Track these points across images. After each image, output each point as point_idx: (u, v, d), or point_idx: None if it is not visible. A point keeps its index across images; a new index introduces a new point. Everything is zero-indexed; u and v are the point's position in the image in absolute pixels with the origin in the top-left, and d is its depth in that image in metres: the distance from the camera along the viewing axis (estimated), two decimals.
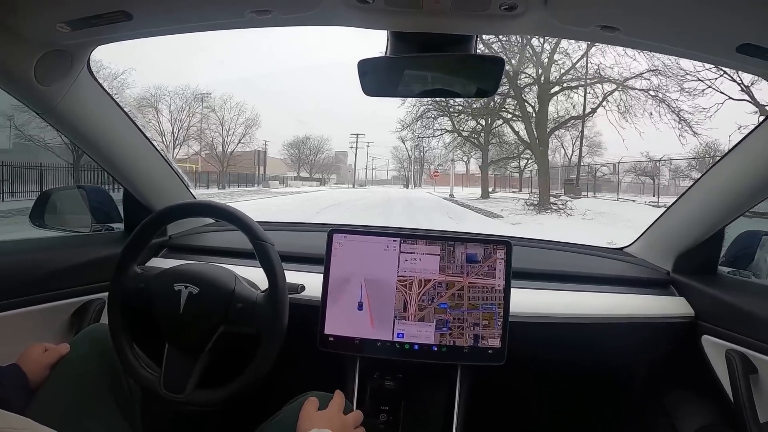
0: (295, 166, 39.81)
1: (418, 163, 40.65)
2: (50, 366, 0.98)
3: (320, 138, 42.00)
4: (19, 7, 0.87)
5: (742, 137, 1.17)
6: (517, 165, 24.00)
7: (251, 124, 27.21)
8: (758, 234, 1.37)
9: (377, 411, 1.31)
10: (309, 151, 40.08)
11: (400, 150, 42.74)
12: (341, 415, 0.95)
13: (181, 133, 23.92)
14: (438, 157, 37.24)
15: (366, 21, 0.91)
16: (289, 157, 39.51)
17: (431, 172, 32.61)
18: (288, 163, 39.88)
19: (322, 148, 41.12)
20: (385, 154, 43.34)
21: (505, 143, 19.97)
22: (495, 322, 1.23)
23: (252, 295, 1.00)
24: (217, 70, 46.33)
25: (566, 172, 21.27)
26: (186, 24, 0.98)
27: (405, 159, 42.92)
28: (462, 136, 19.67)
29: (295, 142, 39.67)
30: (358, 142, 42.87)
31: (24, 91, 1.06)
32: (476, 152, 21.36)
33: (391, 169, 44.68)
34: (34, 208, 1.46)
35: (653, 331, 1.35)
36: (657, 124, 14.58)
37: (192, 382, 0.96)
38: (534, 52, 15.23)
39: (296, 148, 39.53)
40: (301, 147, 39.80)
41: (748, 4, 0.74)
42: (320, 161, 41.39)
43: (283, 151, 39.05)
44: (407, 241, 1.27)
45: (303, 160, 39.90)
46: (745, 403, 1.13)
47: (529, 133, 15.73)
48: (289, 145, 39.81)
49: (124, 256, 1.03)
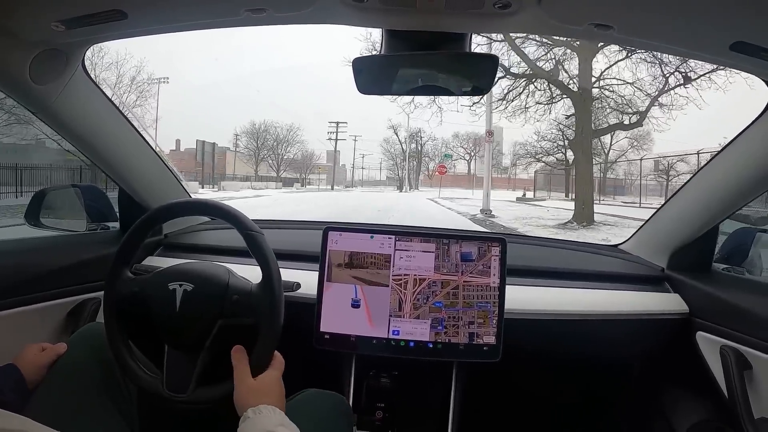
0: (267, 164, 32.66)
1: (415, 159, 34.84)
2: (47, 366, 0.98)
3: (288, 127, 34.62)
4: (13, 6, 0.87)
5: (736, 135, 1.18)
6: (563, 159, 19.29)
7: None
8: (752, 231, 1.38)
9: (373, 408, 1.31)
10: (273, 143, 33.09)
11: (391, 143, 36.28)
12: (281, 383, 0.94)
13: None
14: (443, 149, 32.23)
15: (361, 19, 0.91)
16: (246, 151, 32.70)
17: (436, 168, 27.62)
18: (253, 160, 33.02)
19: (292, 140, 34.28)
20: (378, 150, 38.08)
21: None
22: (490, 320, 1.24)
23: (247, 286, 1.00)
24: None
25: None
26: (181, 23, 0.98)
27: (398, 154, 35.98)
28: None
29: (253, 131, 32.72)
30: (338, 133, 35.47)
31: (19, 90, 1.06)
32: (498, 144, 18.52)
33: (385, 167, 39.35)
34: (29, 207, 1.45)
35: (648, 327, 1.36)
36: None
37: (194, 380, 0.96)
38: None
39: (253, 138, 32.71)
40: (260, 138, 33.00)
41: (741, 3, 0.74)
42: (291, 157, 34.68)
43: (238, 143, 32.20)
44: (402, 239, 1.28)
45: (268, 155, 33.07)
46: (739, 398, 1.13)
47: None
48: (245, 135, 32.74)
49: (118, 259, 1.03)
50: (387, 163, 38.35)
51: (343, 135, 37.58)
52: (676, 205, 1.42)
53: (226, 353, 0.97)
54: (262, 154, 34.06)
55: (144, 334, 1.02)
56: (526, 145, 21.23)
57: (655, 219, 1.52)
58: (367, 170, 42.53)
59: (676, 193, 1.41)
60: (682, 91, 12.25)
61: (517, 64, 13.13)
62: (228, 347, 0.98)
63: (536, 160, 19.87)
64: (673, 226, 1.43)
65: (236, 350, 0.93)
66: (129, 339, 1.01)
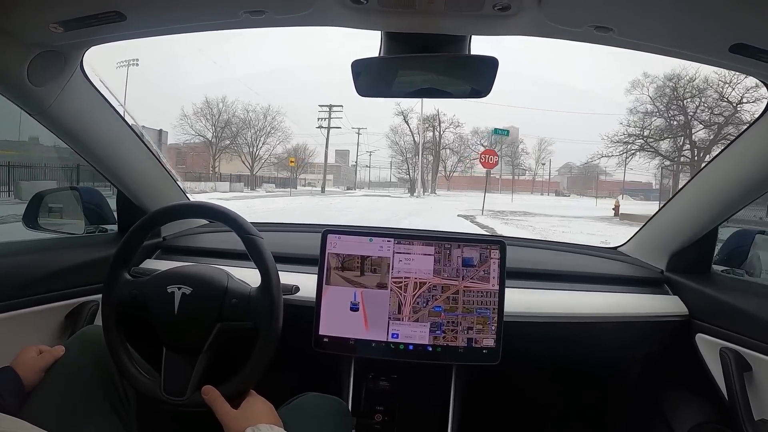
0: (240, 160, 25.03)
1: (431, 152, 25.57)
2: (45, 369, 0.98)
3: (265, 109, 27.33)
4: (12, 8, 0.87)
5: (735, 137, 1.18)
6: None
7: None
8: (751, 233, 1.38)
9: (372, 411, 1.31)
10: (242, 129, 25.96)
11: (400, 133, 26.64)
12: (263, 401, 0.94)
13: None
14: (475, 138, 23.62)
15: (360, 21, 0.91)
16: (201, 140, 25.56)
17: (480, 156, 17.45)
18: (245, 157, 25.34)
19: (272, 129, 27.42)
20: (386, 144, 30.45)
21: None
22: (489, 326, 1.24)
23: (245, 289, 1.00)
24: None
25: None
26: (179, 24, 0.98)
27: (409, 148, 26.49)
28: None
29: (208, 113, 25.41)
30: (331, 119, 27.03)
31: (17, 92, 1.05)
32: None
33: (394, 164, 31.16)
34: (27, 210, 1.45)
35: (647, 329, 1.36)
36: None
37: (193, 383, 0.95)
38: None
39: (210, 122, 25.26)
40: (219, 122, 25.54)
41: (741, 5, 0.74)
42: (270, 150, 27.61)
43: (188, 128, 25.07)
44: (401, 242, 1.28)
45: (233, 146, 25.97)
46: (739, 400, 1.13)
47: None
48: (200, 118, 25.30)
49: (116, 262, 1.02)
50: (396, 160, 30.61)
51: (339, 122, 29.78)
52: (675, 207, 1.42)
53: (225, 357, 0.96)
54: (223, 145, 26.77)
55: (142, 337, 1.02)
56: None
57: (655, 221, 1.52)
58: (377, 169, 35.45)
59: (676, 195, 1.41)
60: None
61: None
62: (227, 351, 0.97)
63: (646, 148, 12.98)
64: (672, 228, 1.44)
65: (205, 391, 0.92)
66: (127, 342, 1.00)
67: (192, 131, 24.94)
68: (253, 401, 0.93)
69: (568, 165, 36.00)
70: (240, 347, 0.96)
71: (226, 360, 0.99)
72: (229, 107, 26.71)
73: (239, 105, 28.07)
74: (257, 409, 0.91)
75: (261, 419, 0.87)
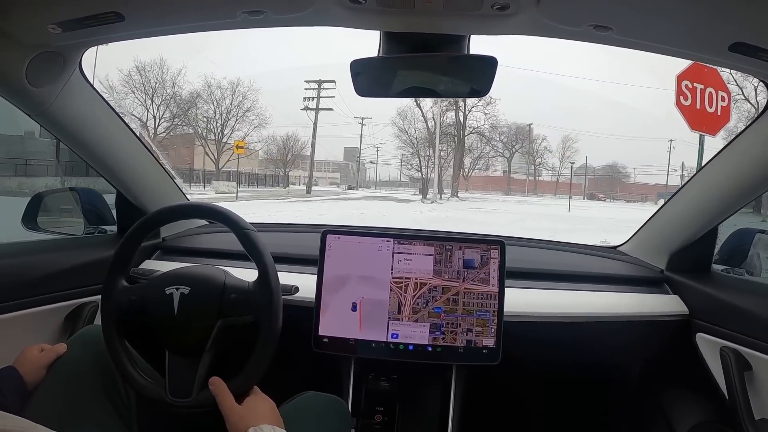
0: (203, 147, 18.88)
1: (451, 142, 19.95)
2: (47, 366, 0.98)
3: (233, 84, 21.20)
4: (10, 9, 0.87)
5: (734, 136, 1.18)
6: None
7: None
8: (751, 232, 1.38)
9: (372, 411, 1.31)
10: (191, 105, 19.53)
11: (409, 119, 20.59)
12: (268, 400, 0.94)
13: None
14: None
15: (358, 21, 0.91)
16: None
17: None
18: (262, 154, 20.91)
19: (242, 111, 21.32)
20: (395, 137, 24.96)
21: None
22: (489, 328, 1.24)
23: (243, 284, 1.00)
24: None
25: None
26: (178, 25, 0.98)
27: (421, 140, 20.81)
28: None
29: (143, 82, 18.59)
30: (320, 97, 22.22)
31: (16, 93, 1.05)
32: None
33: (403, 160, 25.93)
34: (26, 210, 1.45)
35: (647, 329, 1.36)
36: None
37: (198, 384, 0.95)
38: None
39: (147, 95, 18.78)
40: (153, 91, 18.81)
41: (740, 3, 0.74)
42: (244, 137, 21.11)
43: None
44: (401, 242, 1.27)
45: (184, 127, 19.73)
46: (739, 399, 1.13)
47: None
48: (136, 92, 18.62)
49: (114, 267, 1.02)
50: (405, 153, 25.49)
51: (331, 103, 23.99)
52: (675, 206, 1.42)
53: (227, 355, 0.96)
54: (164, 128, 19.90)
55: (144, 342, 1.02)
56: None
57: (655, 220, 1.52)
58: (387, 166, 31.89)
59: (676, 194, 1.41)
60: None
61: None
62: (229, 348, 0.97)
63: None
64: (672, 227, 1.43)
65: (213, 382, 0.93)
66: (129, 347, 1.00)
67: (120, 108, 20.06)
68: (257, 399, 0.93)
69: (591, 167, 32.53)
70: (242, 344, 0.96)
71: (228, 358, 0.99)
72: (178, 80, 21.57)
73: (199, 79, 22.17)
74: (260, 408, 0.91)
75: (264, 419, 0.87)
